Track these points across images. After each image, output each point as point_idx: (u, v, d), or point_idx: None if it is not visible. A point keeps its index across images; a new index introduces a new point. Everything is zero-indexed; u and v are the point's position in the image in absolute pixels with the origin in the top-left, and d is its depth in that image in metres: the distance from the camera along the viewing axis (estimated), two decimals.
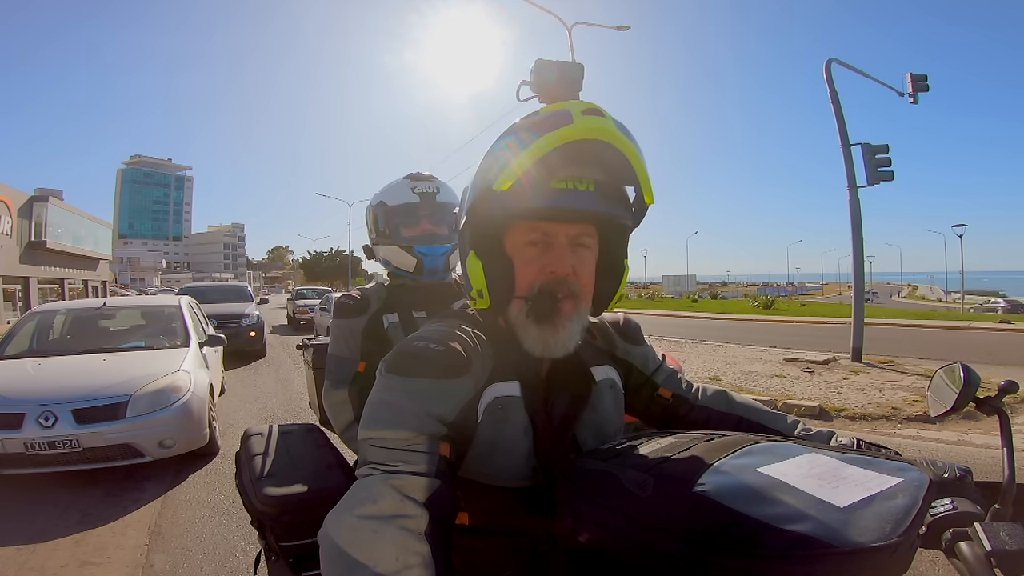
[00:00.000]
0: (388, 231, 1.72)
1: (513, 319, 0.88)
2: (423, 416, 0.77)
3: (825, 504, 0.60)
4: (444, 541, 0.70)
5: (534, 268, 0.86)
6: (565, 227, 0.86)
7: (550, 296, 0.85)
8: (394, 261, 1.71)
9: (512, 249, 0.88)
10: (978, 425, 5.47)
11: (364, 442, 0.78)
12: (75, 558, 3.09)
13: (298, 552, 1.32)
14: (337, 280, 54.92)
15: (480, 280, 0.87)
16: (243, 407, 6.73)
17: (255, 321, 11.45)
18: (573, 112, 0.78)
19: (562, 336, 0.86)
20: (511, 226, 0.88)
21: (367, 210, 1.81)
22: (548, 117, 0.79)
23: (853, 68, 10.55)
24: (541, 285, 0.86)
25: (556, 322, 0.86)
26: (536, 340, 0.86)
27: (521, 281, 0.87)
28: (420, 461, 0.74)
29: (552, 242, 0.86)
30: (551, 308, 0.85)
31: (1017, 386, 0.82)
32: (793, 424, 1.02)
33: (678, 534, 0.61)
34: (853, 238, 9.72)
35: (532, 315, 0.86)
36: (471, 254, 0.88)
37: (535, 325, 0.86)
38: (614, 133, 0.79)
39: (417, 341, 0.85)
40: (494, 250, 0.88)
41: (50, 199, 23.07)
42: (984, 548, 0.61)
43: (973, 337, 13.70)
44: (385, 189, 1.78)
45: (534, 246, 0.86)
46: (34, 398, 4.05)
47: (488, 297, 0.88)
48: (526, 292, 0.86)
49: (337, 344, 1.60)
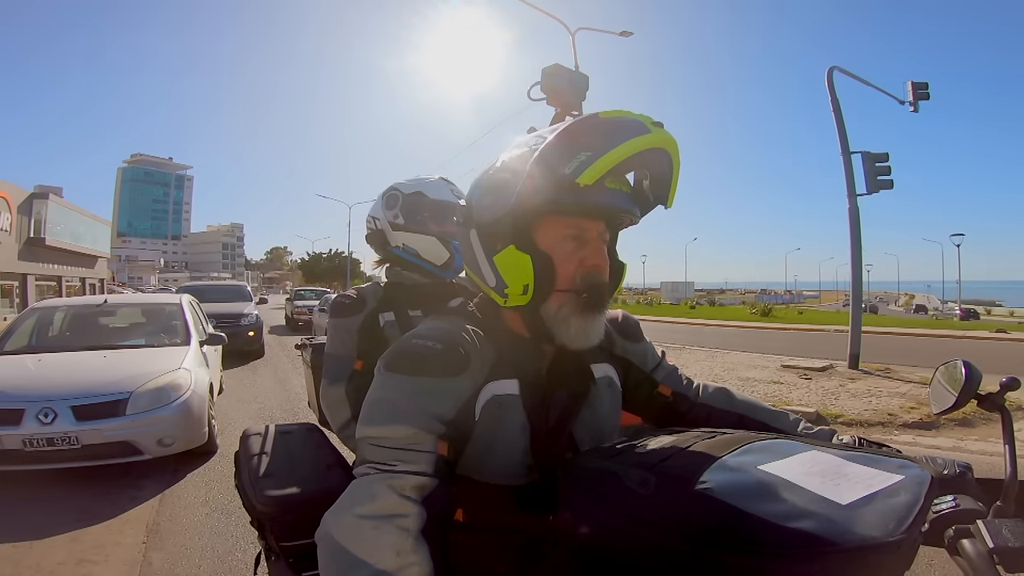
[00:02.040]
0: (422, 220, 1.69)
1: (552, 313, 0.88)
2: (421, 415, 0.78)
3: (827, 501, 0.60)
4: (442, 539, 0.71)
5: (573, 262, 0.88)
6: (596, 224, 0.89)
7: (602, 287, 0.89)
8: (422, 251, 1.68)
9: (547, 245, 0.88)
10: (974, 431, 5.49)
11: (362, 441, 0.78)
12: (72, 556, 3.07)
13: (298, 552, 1.32)
14: (336, 281, 54.78)
15: (528, 274, 0.86)
16: (241, 407, 6.71)
17: (254, 321, 11.42)
18: (645, 123, 0.83)
19: (600, 325, 0.90)
20: (544, 221, 0.88)
21: (391, 196, 1.75)
22: (620, 124, 0.82)
23: (855, 76, 10.60)
24: (584, 277, 0.88)
25: (602, 312, 0.90)
26: (579, 331, 0.88)
27: (562, 275, 0.88)
28: (418, 460, 0.75)
29: (587, 237, 0.88)
30: (602, 299, 0.89)
31: (1019, 383, 0.82)
32: (795, 422, 1.03)
33: (680, 532, 0.61)
34: (852, 246, 9.75)
35: (585, 306, 0.88)
36: (510, 248, 0.86)
37: (580, 316, 0.87)
38: (675, 146, 0.84)
39: (416, 339, 0.85)
40: (530, 245, 0.88)
41: (50, 196, 23.00)
42: (987, 545, 0.62)
43: (969, 346, 13.74)
44: (419, 182, 1.75)
45: (572, 240, 0.88)
46: (34, 394, 4.04)
47: (532, 292, 0.87)
48: (569, 285, 0.88)
49: (333, 343, 1.61)
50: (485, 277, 0.90)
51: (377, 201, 1.80)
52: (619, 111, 0.86)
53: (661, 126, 0.83)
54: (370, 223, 1.81)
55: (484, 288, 0.93)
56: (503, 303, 0.90)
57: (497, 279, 0.88)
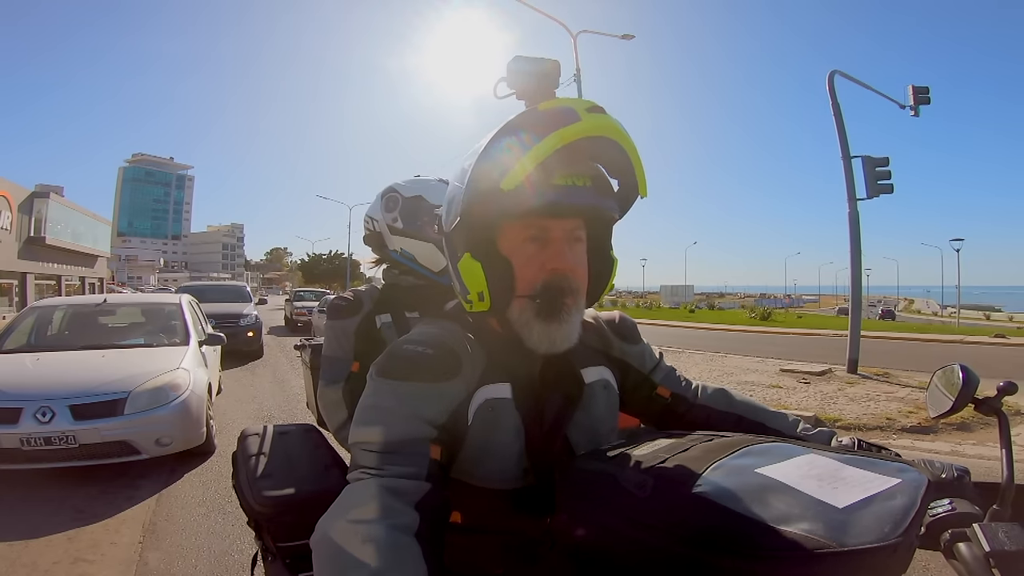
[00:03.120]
0: (421, 226, 1.68)
1: (515, 319, 0.88)
2: (413, 419, 0.78)
3: (824, 505, 0.60)
4: (436, 542, 0.71)
5: (534, 265, 0.86)
6: (561, 223, 0.86)
7: (558, 292, 0.86)
8: (420, 256, 1.68)
9: (508, 248, 0.87)
10: (971, 435, 5.50)
11: (355, 446, 0.78)
12: (68, 555, 3.07)
13: (295, 553, 1.32)
14: (335, 283, 54.77)
15: (480, 282, 0.85)
16: (240, 407, 6.71)
17: (253, 321, 11.41)
18: (577, 110, 0.79)
19: (566, 331, 0.87)
20: (505, 225, 0.87)
21: (391, 198, 1.74)
22: (551, 115, 0.79)
23: (856, 80, 10.62)
24: (544, 282, 0.86)
25: (563, 318, 0.86)
26: (542, 337, 0.86)
27: (522, 280, 0.86)
28: (410, 464, 0.75)
29: (550, 238, 0.86)
30: (559, 304, 0.86)
31: (1016, 387, 0.83)
32: (794, 423, 1.02)
33: (677, 535, 0.61)
34: (851, 250, 9.76)
35: (541, 313, 0.85)
36: (466, 256, 0.86)
37: (541, 322, 0.86)
38: (619, 130, 0.81)
39: (407, 344, 0.85)
40: (489, 251, 0.87)
41: (51, 195, 23.07)
42: (983, 549, 0.62)
43: (967, 351, 13.75)
44: (419, 184, 1.74)
45: (533, 242, 0.86)
46: (32, 393, 4.03)
47: (489, 299, 0.86)
48: (528, 291, 0.86)
49: (330, 344, 1.61)
50: (456, 283, 0.91)
51: (376, 201, 1.78)
52: (559, 99, 0.83)
53: (599, 111, 0.81)
54: (368, 224, 1.80)
55: (457, 294, 0.93)
56: (469, 309, 0.90)
57: (461, 286, 0.89)
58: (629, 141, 0.82)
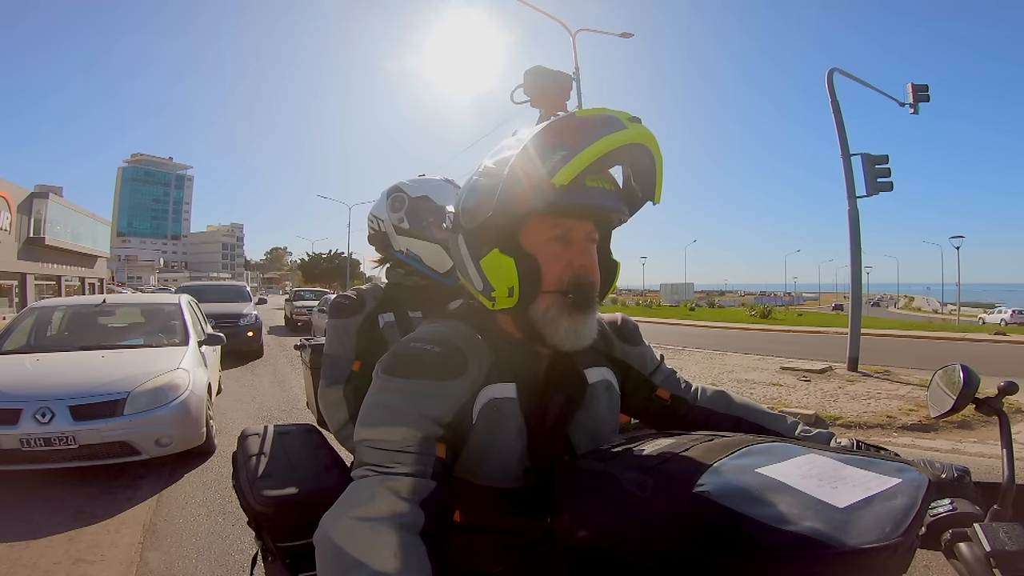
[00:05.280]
0: (427, 227, 1.68)
1: (540, 315, 0.88)
2: (419, 418, 0.78)
3: (824, 505, 0.60)
4: (440, 540, 0.71)
5: (560, 263, 0.88)
6: (582, 224, 0.89)
7: (589, 287, 0.88)
8: (425, 257, 1.67)
9: (533, 246, 0.88)
10: (972, 434, 5.49)
11: (360, 443, 0.78)
12: (68, 556, 3.07)
13: (296, 553, 1.32)
14: (335, 282, 54.82)
15: (512, 277, 0.86)
16: (240, 407, 6.71)
17: (253, 321, 11.41)
18: (621, 119, 0.83)
19: (592, 325, 0.90)
20: (530, 223, 0.88)
21: (397, 198, 1.73)
22: (597, 122, 0.82)
23: (855, 78, 10.62)
24: (572, 278, 0.88)
25: (594, 311, 0.90)
26: (569, 332, 0.88)
27: (548, 276, 0.88)
28: (416, 463, 0.75)
29: (573, 238, 0.88)
30: (591, 299, 0.89)
31: (1017, 387, 0.83)
32: (793, 425, 1.03)
33: (677, 534, 0.61)
34: (851, 248, 9.75)
35: (576, 305, 0.87)
36: (495, 252, 0.87)
37: (569, 317, 0.87)
38: (654, 140, 0.84)
39: (414, 342, 0.86)
40: (515, 247, 0.88)
41: (50, 196, 23.01)
42: (983, 549, 0.62)
43: (968, 348, 13.75)
44: (424, 184, 1.73)
45: (558, 241, 0.88)
46: (31, 394, 4.03)
47: (519, 294, 0.87)
48: (555, 286, 0.87)
49: (332, 343, 1.61)
50: (473, 281, 0.92)
51: (381, 200, 1.77)
52: (597, 109, 0.86)
53: (638, 121, 0.84)
54: (373, 223, 1.79)
55: (473, 292, 0.94)
56: (491, 306, 0.90)
57: (484, 283, 0.89)
58: (659, 151, 0.85)
